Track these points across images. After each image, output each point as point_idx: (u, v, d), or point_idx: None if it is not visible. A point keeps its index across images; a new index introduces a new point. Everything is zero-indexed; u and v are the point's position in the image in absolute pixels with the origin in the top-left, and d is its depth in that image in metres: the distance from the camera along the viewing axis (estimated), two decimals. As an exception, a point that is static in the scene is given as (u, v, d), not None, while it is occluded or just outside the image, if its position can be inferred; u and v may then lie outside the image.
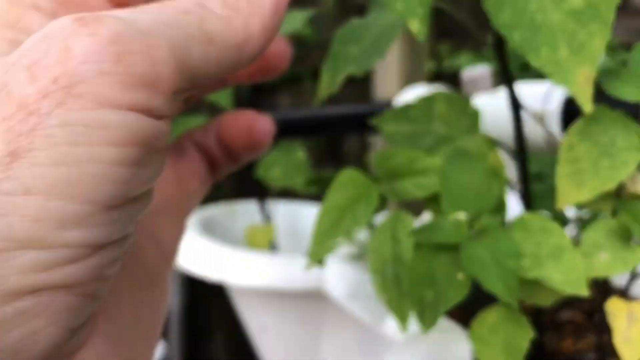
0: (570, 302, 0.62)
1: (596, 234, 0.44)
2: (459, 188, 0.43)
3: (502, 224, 0.41)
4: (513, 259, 0.38)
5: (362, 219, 0.47)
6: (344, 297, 0.60)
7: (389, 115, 0.54)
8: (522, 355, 0.41)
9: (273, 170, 0.67)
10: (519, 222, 0.41)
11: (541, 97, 0.58)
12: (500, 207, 0.42)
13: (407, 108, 0.52)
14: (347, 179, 0.48)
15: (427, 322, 0.40)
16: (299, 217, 0.85)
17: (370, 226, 0.65)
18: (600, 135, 0.39)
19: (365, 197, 0.47)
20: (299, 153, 0.68)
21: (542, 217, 0.41)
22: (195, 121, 0.62)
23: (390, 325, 0.53)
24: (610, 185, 0.38)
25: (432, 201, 0.46)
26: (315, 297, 0.67)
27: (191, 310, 1.04)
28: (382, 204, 0.55)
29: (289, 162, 0.67)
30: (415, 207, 0.57)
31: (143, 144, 0.16)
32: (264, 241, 0.71)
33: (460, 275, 0.40)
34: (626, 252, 0.42)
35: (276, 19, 0.19)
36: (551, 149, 0.59)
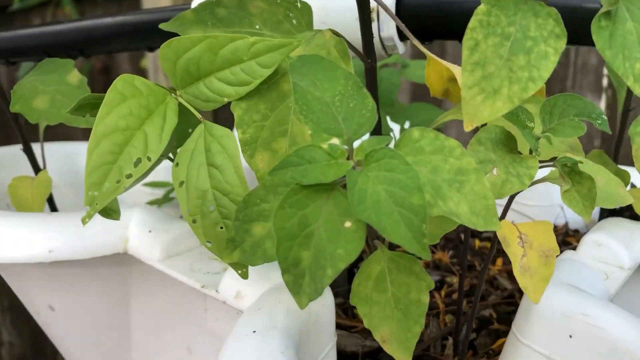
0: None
1: (482, 147, 0.36)
2: (319, 105, 0.31)
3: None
4: (416, 194, 0.28)
5: (158, 142, 0.33)
6: (158, 259, 0.46)
7: (192, 15, 0.39)
8: (422, 314, 0.33)
9: (37, 101, 0.49)
10: (406, 142, 0.31)
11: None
12: (377, 127, 0.32)
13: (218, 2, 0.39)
14: (127, 87, 0.33)
15: (308, 293, 0.29)
16: (81, 161, 0.67)
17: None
18: (508, 27, 0.30)
19: (158, 111, 0.33)
20: (72, 73, 0.50)
21: (435, 133, 0.31)
22: None
23: (225, 285, 0.41)
24: (533, 89, 0.30)
25: (252, 110, 0.34)
26: (117, 263, 0.52)
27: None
28: (187, 122, 0.42)
29: (58, 89, 0.49)
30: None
31: None
32: (38, 198, 0.53)
33: (348, 224, 0.29)
34: (518, 165, 0.35)
35: None
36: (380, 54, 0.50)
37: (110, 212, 0.39)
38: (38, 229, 0.46)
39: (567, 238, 0.70)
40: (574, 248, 0.51)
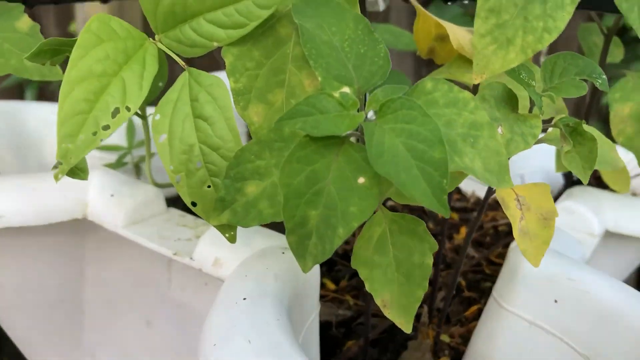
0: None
1: (486, 104, 0.34)
2: (329, 50, 0.28)
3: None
4: (438, 147, 0.26)
5: (138, 90, 0.29)
6: (122, 225, 0.43)
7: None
8: (425, 278, 0.31)
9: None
10: (418, 94, 0.29)
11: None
12: (390, 75, 0.29)
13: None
14: (102, 29, 0.29)
15: (314, 255, 0.26)
16: (24, 121, 0.61)
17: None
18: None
19: (136, 57, 0.30)
20: (22, 19, 0.44)
21: (448, 85, 0.29)
22: None
23: (201, 251, 0.38)
24: (547, 40, 0.28)
25: (245, 57, 0.30)
26: (70, 232, 0.48)
27: None
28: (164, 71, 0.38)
29: (5, 36, 0.44)
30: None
31: None
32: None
33: (361, 180, 0.26)
34: (522, 124, 0.34)
35: None
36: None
37: (77, 171, 0.35)
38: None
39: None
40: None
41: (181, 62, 0.31)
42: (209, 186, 0.30)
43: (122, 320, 0.53)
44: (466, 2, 0.45)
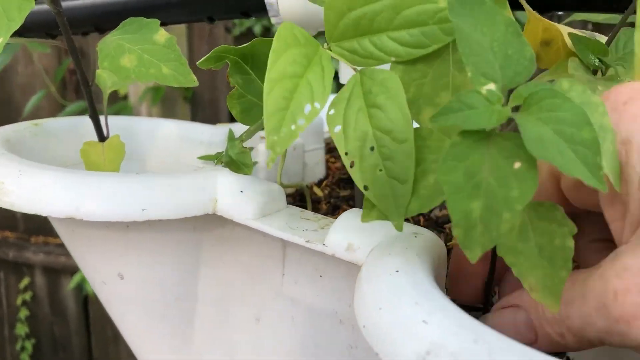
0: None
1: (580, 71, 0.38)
2: (480, 49, 0.32)
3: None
4: (586, 127, 0.29)
5: (322, 90, 0.33)
6: (252, 218, 0.46)
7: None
8: (568, 259, 0.34)
9: (124, 59, 0.48)
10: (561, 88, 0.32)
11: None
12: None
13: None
14: (289, 36, 0.34)
15: (481, 243, 0.30)
16: (134, 135, 0.66)
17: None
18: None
19: (315, 61, 0.34)
20: (159, 33, 0.49)
21: (582, 86, 0.32)
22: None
23: (333, 238, 0.42)
24: None
25: (414, 70, 0.34)
26: (191, 229, 0.52)
27: None
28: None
29: (144, 48, 0.49)
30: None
31: None
32: (111, 163, 0.52)
33: (517, 164, 0.30)
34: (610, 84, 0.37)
35: None
36: None
37: (242, 166, 0.39)
38: (130, 187, 0.46)
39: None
40: None
41: (351, 66, 0.35)
42: (380, 170, 0.33)
43: (231, 318, 0.56)
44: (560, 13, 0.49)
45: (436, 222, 0.62)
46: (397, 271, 0.34)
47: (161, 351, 0.59)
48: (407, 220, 0.46)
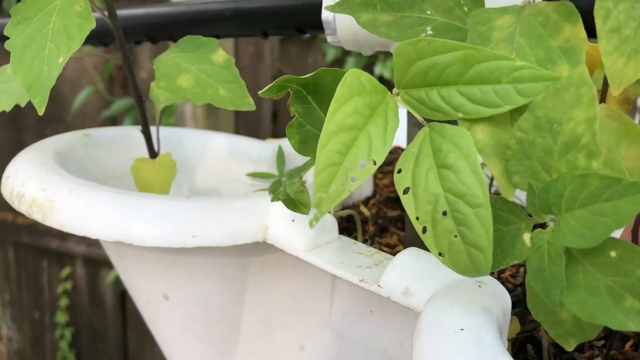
0: None
1: None
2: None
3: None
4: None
5: (382, 144, 0.31)
6: (304, 249, 0.45)
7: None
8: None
9: (180, 79, 0.47)
10: None
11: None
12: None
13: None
14: (354, 83, 0.32)
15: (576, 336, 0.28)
16: (184, 148, 0.65)
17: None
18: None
19: (379, 111, 0.32)
20: (217, 53, 0.48)
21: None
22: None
23: (389, 280, 0.40)
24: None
25: (488, 124, 0.32)
26: (238, 254, 0.50)
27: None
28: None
29: (202, 68, 0.48)
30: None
31: None
32: (162, 182, 0.51)
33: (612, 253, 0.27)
34: None
35: None
36: None
37: (301, 205, 0.38)
38: (181, 213, 0.45)
39: None
40: None
41: (420, 118, 0.33)
42: (455, 236, 0.30)
43: (275, 343, 0.55)
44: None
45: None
46: (461, 330, 0.32)
47: (202, 372, 0.58)
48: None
